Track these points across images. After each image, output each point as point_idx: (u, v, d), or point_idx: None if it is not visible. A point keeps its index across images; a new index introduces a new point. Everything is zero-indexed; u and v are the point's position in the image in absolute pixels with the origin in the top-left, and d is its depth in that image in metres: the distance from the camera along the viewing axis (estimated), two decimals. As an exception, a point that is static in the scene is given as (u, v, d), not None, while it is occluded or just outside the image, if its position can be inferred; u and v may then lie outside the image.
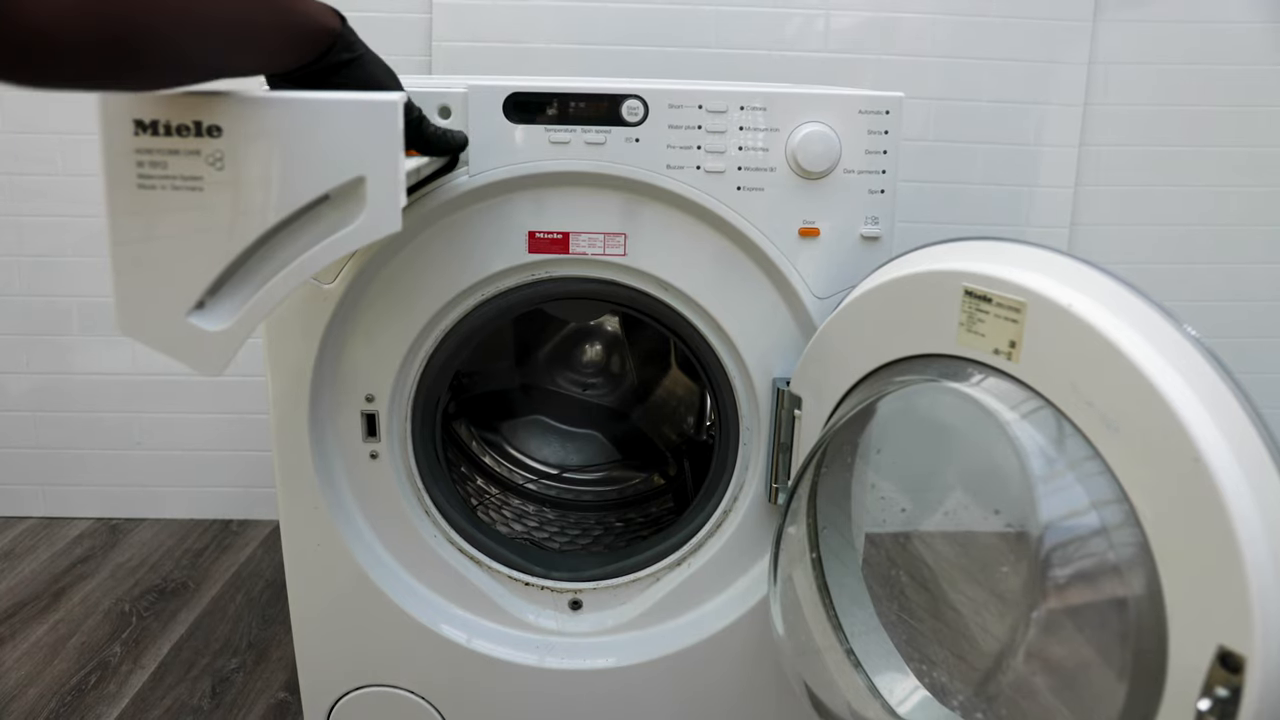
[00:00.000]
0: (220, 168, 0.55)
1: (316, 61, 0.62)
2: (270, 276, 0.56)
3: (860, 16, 1.50)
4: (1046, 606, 0.68)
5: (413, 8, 1.48)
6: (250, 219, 0.55)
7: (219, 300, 0.56)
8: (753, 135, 0.85)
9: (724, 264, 0.88)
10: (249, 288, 0.56)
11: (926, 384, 0.73)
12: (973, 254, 0.72)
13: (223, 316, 0.56)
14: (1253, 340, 1.66)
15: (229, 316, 0.56)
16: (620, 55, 1.49)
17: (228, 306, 0.56)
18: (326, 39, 0.62)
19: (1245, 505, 0.50)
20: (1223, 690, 0.50)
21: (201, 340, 0.56)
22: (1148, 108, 1.56)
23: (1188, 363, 0.55)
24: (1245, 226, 1.61)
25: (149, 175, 0.54)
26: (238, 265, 0.56)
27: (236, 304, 0.56)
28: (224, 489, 1.70)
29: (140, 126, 0.55)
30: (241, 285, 0.57)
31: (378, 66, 0.67)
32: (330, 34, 0.62)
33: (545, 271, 0.89)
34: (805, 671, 0.86)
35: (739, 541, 0.96)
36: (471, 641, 0.97)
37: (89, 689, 1.21)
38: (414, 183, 0.79)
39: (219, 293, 0.56)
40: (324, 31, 0.61)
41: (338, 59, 0.63)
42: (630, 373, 1.35)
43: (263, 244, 0.56)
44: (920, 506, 0.83)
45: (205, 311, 0.56)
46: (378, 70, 0.67)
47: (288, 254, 0.56)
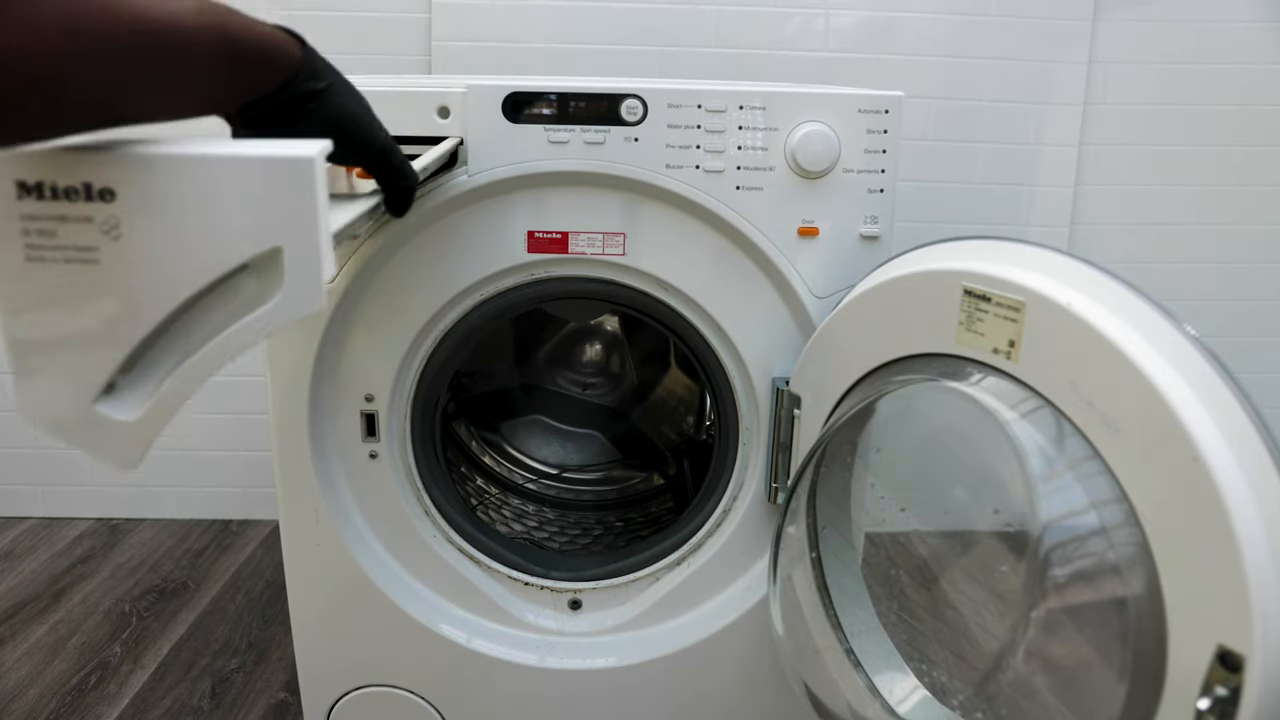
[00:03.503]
0: (116, 237, 0.45)
1: (276, 95, 0.53)
2: (183, 359, 0.48)
3: (860, 16, 1.50)
4: (1046, 606, 0.68)
5: (413, 8, 1.48)
6: (154, 296, 0.46)
7: (128, 386, 0.48)
8: (752, 135, 0.85)
9: (723, 264, 0.88)
10: (161, 372, 0.48)
11: (926, 383, 0.73)
12: (972, 253, 0.72)
13: (133, 405, 0.48)
14: (1253, 340, 1.66)
15: (140, 405, 0.48)
16: (619, 55, 1.49)
17: (139, 394, 0.48)
18: (287, 69, 0.53)
19: (1245, 504, 0.50)
20: (1222, 689, 0.50)
21: (112, 431, 0.48)
22: (1147, 107, 1.56)
23: (1187, 362, 0.55)
24: (1245, 226, 1.61)
25: (37, 245, 0.45)
26: (146, 347, 0.48)
27: (148, 391, 0.48)
28: (224, 489, 1.70)
29: (24, 189, 0.45)
30: (153, 370, 0.48)
31: (349, 95, 0.59)
32: (291, 63, 0.54)
33: (544, 271, 0.89)
34: (805, 671, 0.86)
35: (739, 541, 0.96)
36: (471, 641, 0.97)
37: (89, 689, 1.21)
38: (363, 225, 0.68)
39: (129, 376, 0.48)
40: (284, 60, 0.53)
41: (304, 89, 0.54)
42: (630, 372, 1.35)
43: (173, 322, 0.48)
44: (920, 506, 0.83)
45: (114, 398, 0.48)
46: (349, 100, 0.59)
47: (203, 334, 0.48)
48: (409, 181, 0.65)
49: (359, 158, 0.61)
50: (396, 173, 0.64)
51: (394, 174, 0.64)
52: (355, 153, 0.60)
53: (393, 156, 0.62)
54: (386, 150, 0.62)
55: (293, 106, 0.54)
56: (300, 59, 0.54)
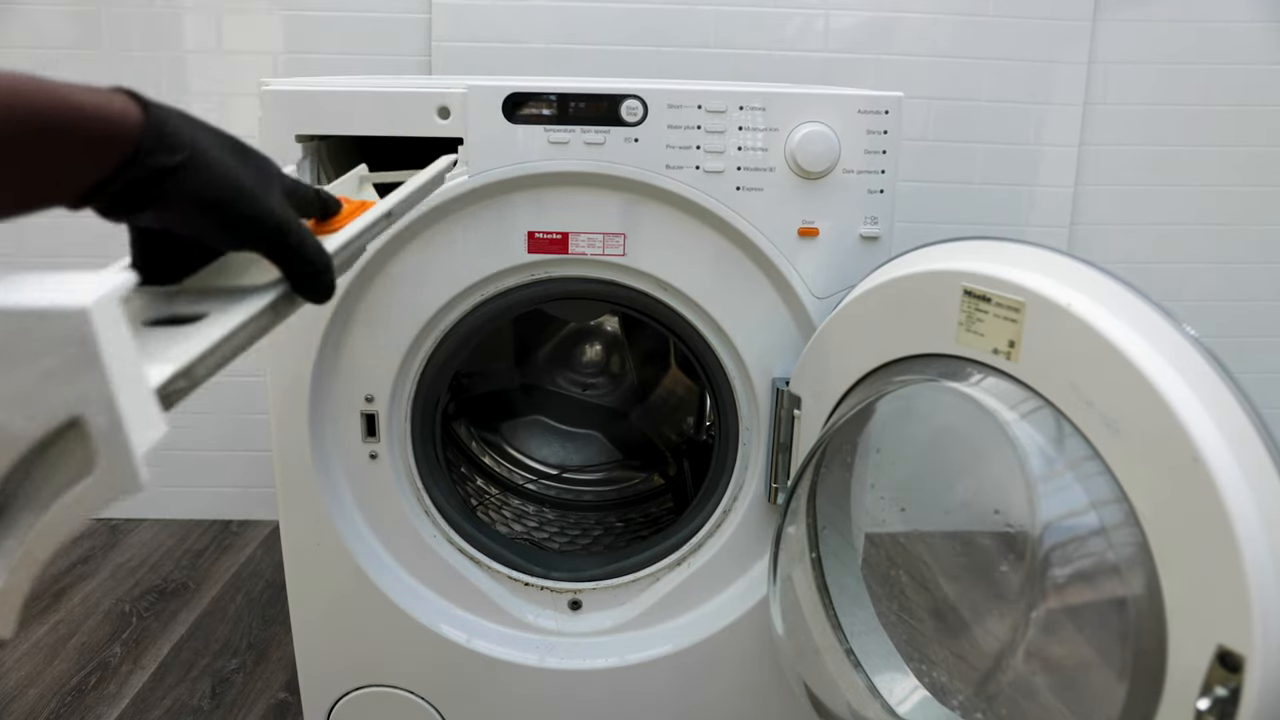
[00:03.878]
0: None
1: (116, 178, 0.42)
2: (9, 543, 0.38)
3: (860, 16, 1.50)
4: (1046, 606, 0.68)
5: (413, 8, 1.48)
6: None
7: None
8: (752, 135, 0.85)
9: (723, 264, 0.88)
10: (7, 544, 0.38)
11: (926, 384, 0.73)
12: (972, 254, 0.72)
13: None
14: (1253, 340, 1.66)
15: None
16: (619, 55, 1.49)
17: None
18: (123, 144, 0.41)
19: (1244, 505, 0.50)
20: (1222, 690, 0.50)
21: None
22: (1147, 107, 1.56)
23: (1187, 363, 0.55)
24: (1245, 226, 1.61)
25: None
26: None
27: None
28: (224, 489, 1.70)
29: None
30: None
31: (221, 166, 0.45)
32: (127, 136, 0.41)
33: (544, 271, 0.89)
34: (805, 671, 0.86)
35: (739, 541, 0.96)
36: (471, 641, 0.97)
37: (89, 689, 1.21)
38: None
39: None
40: (115, 135, 0.41)
41: (151, 167, 0.42)
42: (630, 373, 1.35)
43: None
44: (920, 506, 0.83)
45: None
46: (219, 172, 0.45)
47: (26, 515, 0.38)
48: (313, 266, 0.49)
49: (241, 243, 0.47)
50: (295, 257, 0.48)
51: (293, 259, 0.48)
52: (234, 238, 0.47)
53: (288, 237, 0.48)
54: (280, 231, 0.47)
55: (143, 189, 0.43)
56: (140, 130, 0.42)
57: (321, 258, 0.50)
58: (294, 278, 0.49)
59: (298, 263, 0.48)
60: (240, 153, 0.48)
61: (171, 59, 1.48)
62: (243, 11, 1.47)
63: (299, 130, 0.84)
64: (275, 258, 0.48)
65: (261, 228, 0.47)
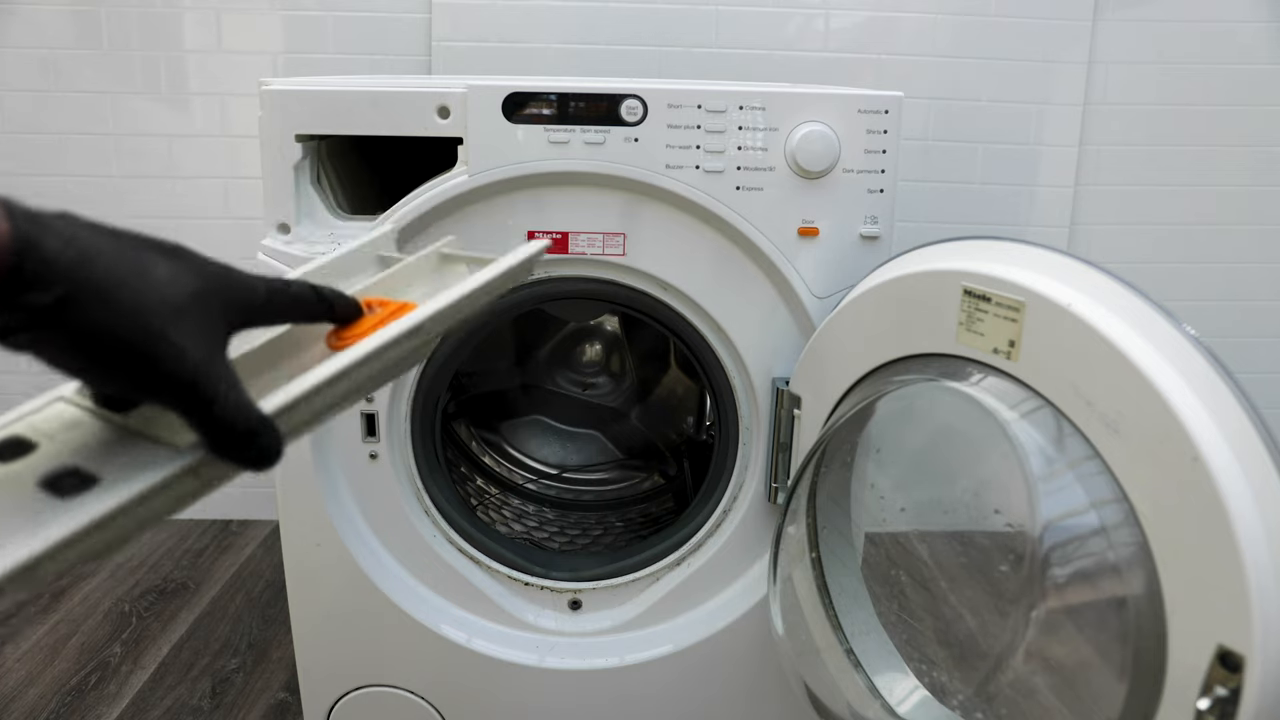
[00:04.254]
0: None
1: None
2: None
3: (860, 16, 1.50)
4: (1046, 606, 0.68)
5: (413, 8, 1.48)
6: None
7: None
8: (752, 135, 0.85)
9: (723, 264, 0.88)
10: None
11: (926, 383, 0.73)
12: (972, 253, 0.72)
13: None
14: (1253, 340, 1.66)
15: None
16: (619, 55, 1.49)
17: None
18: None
19: (1244, 505, 0.50)
20: (1222, 689, 0.50)
21: None
22: (1148, 107, 1.56)
23: (1188, 363, 0.55)
24: (1245, 226, 1.61)
25: None
26: None
27: None
28: (224, 489, 1.69)
29: None
30: None
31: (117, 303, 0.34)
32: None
33: (544, 271, 0.89)
34: (805, 671, 0.86)
35: (738, 541, 0.96)
36: (471, 641, 0.97)
37: (89, 689, 1.21)
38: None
39: None
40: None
41: (23, 307, 0.33)
42: (630, 373, 1.35)
43: None
44: (920, 506, 0.83)
45: None
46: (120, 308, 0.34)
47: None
48: (231, 432, 0.37)
49: (141, 396, 0.37)
50: (207, 418, 0.36)
51: (205, 420, 0.36)
52: (128, 389, 0.36)
53: (203, 388, 0.36)
54: (191, 383, 0.35)
55: (9, 331, 0.34)
56: (9, 261, 0.32)
57: (244, 419, 0.37)
58: (210, 441, 0.37)
59: (210, 425, 0.36)
60: (144, 272, 0.35)
61: (171, 59, 1.48)
62: (243, 11, 1.47)
63: (299, 130, 0.84)
64: (186, 416, 0.36)
65: (161, 380, 0.35)
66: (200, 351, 0.36)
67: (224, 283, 0.38)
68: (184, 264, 0.37)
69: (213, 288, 0.38)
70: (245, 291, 0.39)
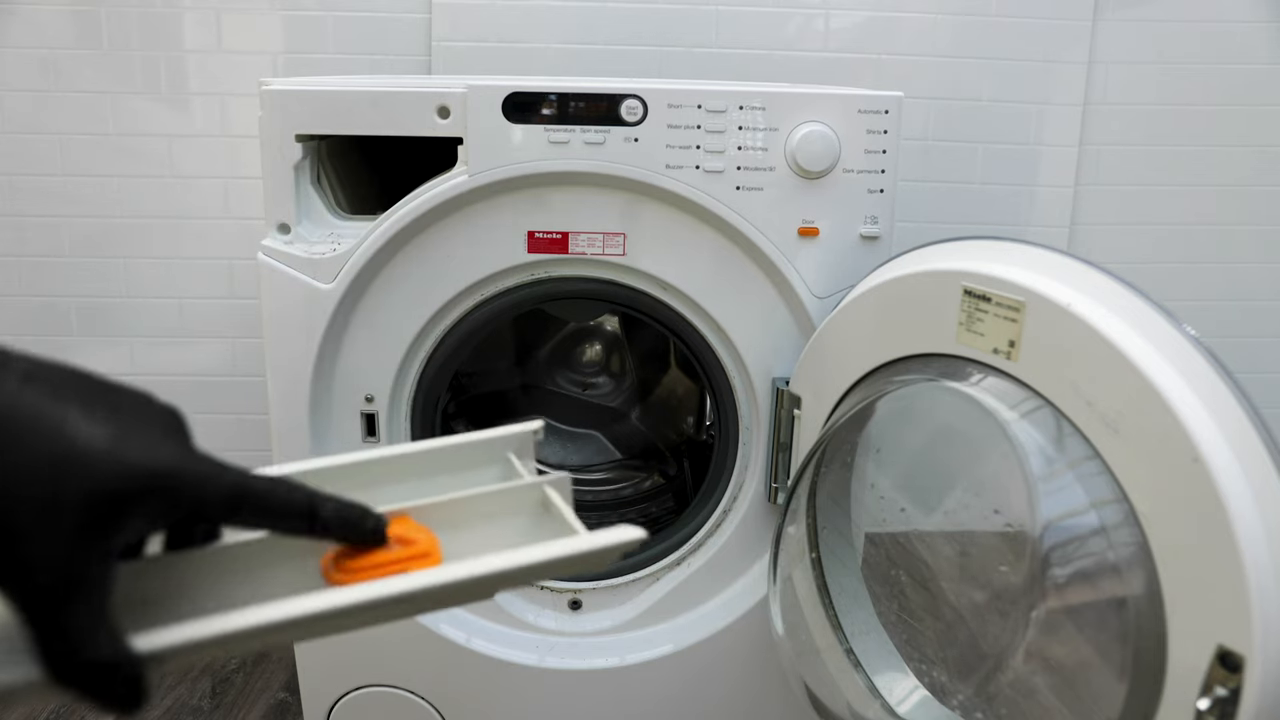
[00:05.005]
0: None
1: None
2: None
3: (860, 16, 1.50)
4: (1046, 606, 0.68)
5: (413, 8, 1.48)
6: None
7: None
8: (752, 135, 0.85)
9: (723, 264, 0.88)
10: None
11: (926, 383, 0.73)
12: (972, 253, 0.72)
13: None
14: (1253, 340, 1.66)
15: None
16: (619, 55, 1.49)
17: None
18: None
19: (1245, 505, 0.50)
20: (1222, 689, 0.50)
21: None
22: (1148, 107, 1.56)
23: (1188, 363, 0.55)
24: (1245, 226, 1.61)
25: None
26: None
27: None
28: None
29: None
30: None
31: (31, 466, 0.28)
32: None
33: (545, 271, 0.89)
34: (805, 671, 0.86)
35: (738, 541, 0.96)
36: (471, 641, 0.97)
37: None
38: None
39: None
40: None
41: None
42: (630, 373, 1.35)
43: None
44: (920, 506, 0.83)
45: None
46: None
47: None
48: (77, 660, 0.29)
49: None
50: (53, 638, 0.29)
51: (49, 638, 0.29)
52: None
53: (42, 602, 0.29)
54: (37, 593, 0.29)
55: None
56: None
57: (95, 650, 0.29)
58: (47, 662, 0.29)
59: (50, 644, 0.29)
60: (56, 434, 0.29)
61: (171, 59, 1.48)
62: (243, 11, 1.47)
63: (299, 130, 0.84)
64: (26, 624, 0.29)
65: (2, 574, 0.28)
66: (72, 554, 0.28)
67: (162, 471, 0.31)
68: (120, 433, 0.30)
69: (143, 472, 0.30)
70: (190, 489, 0.32)
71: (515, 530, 0.44)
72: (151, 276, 1.53)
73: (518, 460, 0.48)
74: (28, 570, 0.28)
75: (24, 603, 0.28)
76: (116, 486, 0.29)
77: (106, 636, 0.30)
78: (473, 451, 0.46)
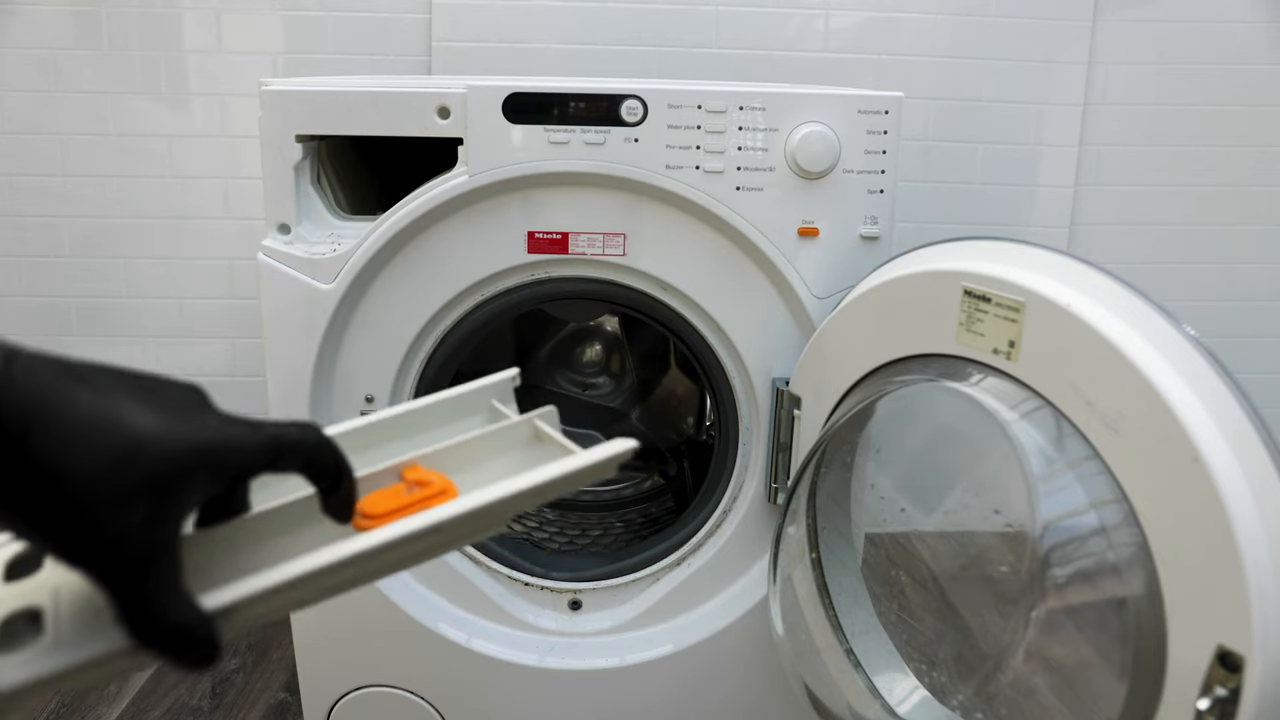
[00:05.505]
0: None
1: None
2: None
3: (860, 16, 1.50)
4: (1046, 606, 0.68)
5: (413, 8, 1.48)
6: None
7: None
8: (752, 135, 0.85)
9: (723, 264, 0.88)
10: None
11: (926, 384, 0.73)
12: (972, 254, 0.72)
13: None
14: (1253, 340, 1.66)
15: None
16: (620, 55, 1.49)
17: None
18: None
19: (1244, 505, 0.50)
20: (1222, 690, 0.50)
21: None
22: (1148, 107, 1.56)
23: (1188, 363, 0.55)
24: (1245, 226, 1.61)
25: None
26: None
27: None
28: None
29: None
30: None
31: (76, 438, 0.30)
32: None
33: (545, 271, 0.89)
34: (805, 672, 0.86)
35: (738, 541, 0.96)
36: (471, 641, 0.97)
37: (89, 689, 1.21)
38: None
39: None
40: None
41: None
42: (630, 373, 1.35)
43: None
44: (920, 506, 0.83)
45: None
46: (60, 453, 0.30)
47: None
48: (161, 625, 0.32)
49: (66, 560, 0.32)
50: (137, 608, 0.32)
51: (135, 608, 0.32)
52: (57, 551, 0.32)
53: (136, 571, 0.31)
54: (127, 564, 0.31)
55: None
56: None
57: (176, 614, 0.32)
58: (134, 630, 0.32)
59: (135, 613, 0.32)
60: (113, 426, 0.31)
61: (171, 59, 1.48)
62: (243, 11, 1.47)
63: (299, 130, 0.84)
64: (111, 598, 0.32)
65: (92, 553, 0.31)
66: (145, 533, 0.31)
67: (210, 444, 0.33)
68: (165, 417, 0.33)
69: (193, 448, 0.33)
70: (235, 454, 0.34)
71: (515, 462, 0.47)
72: (151, 276, 1.53)
73: (501, 405, 0.51)
74: (110, 554, 0.31)
75: (108, 581, 0.31)
76: (175, 465, 0.32)
77: (183, 601, 0.33)
78: (458, 404, 0.50)
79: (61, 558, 0.31)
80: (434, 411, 0.49)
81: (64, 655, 0.32)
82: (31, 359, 0.31)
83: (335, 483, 0.39)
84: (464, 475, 0.45)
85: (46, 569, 0.36)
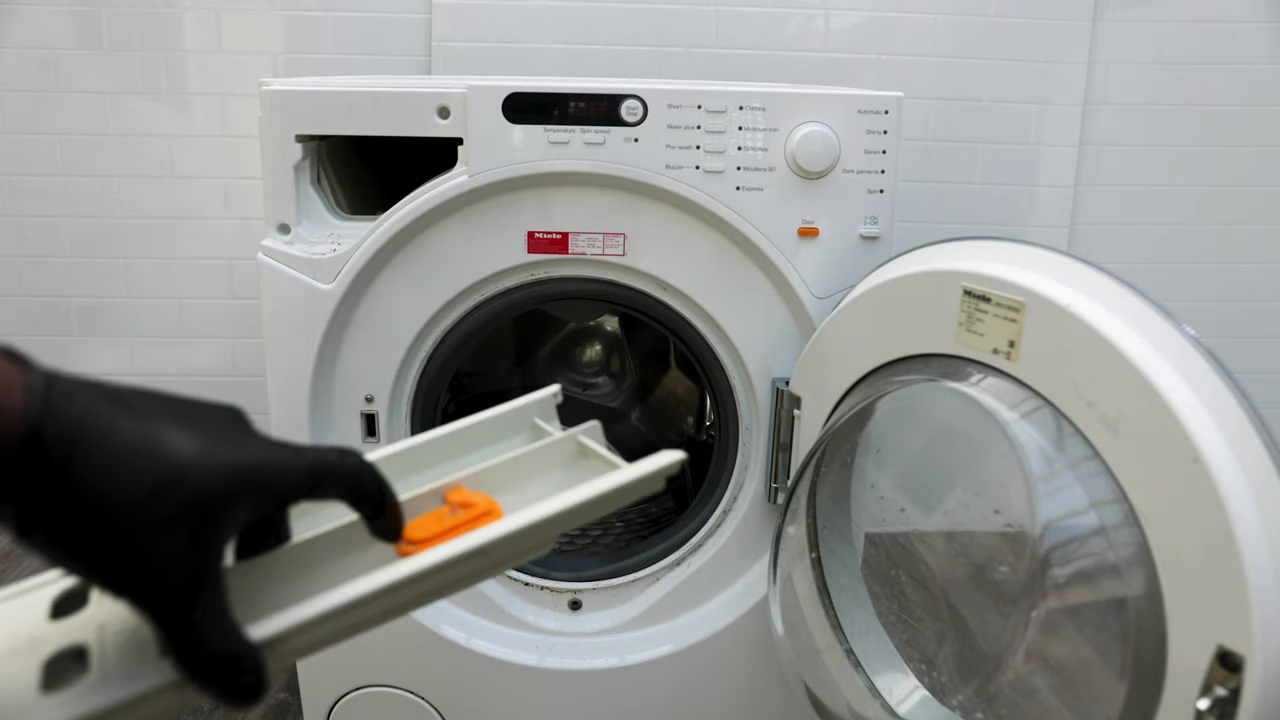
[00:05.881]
0: None
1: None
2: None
3: (860, 16, 1.50)
4: (1046, 606, 0.68)
5: (413, 8, 1.48)
6: None
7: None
8: (752, 135, 0.85)
9: (723, 264, 0.88)
10: None
11: (926, 383, 0.73)
12: (972, 254, 0.72)
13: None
14: (1253, 340, 1.66)
15: None
16: (619, 55, 1.49)
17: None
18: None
19: (1244, 505, 0.50)
20: (1222, 690, 0.50)
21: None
22: (1148, 107, 1.56)
23: (1188, 363, 0.55)
24: (1245, 226, 1.61)
25: None
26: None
27: None
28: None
29: None
30: None
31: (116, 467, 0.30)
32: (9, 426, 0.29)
33: (545, 271, 0.89)
34: (805, 671, 0.86)
35: (738, 541, 0.96)
36: (471, 641, 0.97)
37: None
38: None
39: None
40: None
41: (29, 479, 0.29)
42: (630, 373, 1.35)
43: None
44: (920, 506, 0.83)
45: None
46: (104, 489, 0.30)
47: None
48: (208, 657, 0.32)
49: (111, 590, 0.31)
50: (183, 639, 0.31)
51: (181, 639, 0.31)
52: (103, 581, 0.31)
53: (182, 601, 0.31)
54: (172, 592, 0.31)
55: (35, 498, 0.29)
56: (25, 421, 0.29)
57: (222, 645, 0.32)
58: (181, 662, 0.32)
59: (182, 645, 0.31)
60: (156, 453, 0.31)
61: (171, 59, 1.48)
62: (243, 11, 1.47)
63: (299, 130, 0.84)
64: (158, 629, 0.31)
65: (139, 582, 0.30)
66: (190, 559, 0.31)
67: (252, 468, 0.33)
68: (206, 441, 0.32)
69: (236, 473, 0.32)
70: (277, 479, 0.34)
71: (560, 479, 0.46)
72: (151, 277, 1.53)
73: (544, 422, 0.50)
74: (156, 580, 0.30)
75: (154, 608, 0.31)
76: (219, 490, 0.31)
77: (231, 630, 0.32)
78: (500, 423, 0.49)
79: (107, 587, 0.31)
80: (476, 432, 0.48)
81: (108, 692, 0.32)
82: (70, 384, 0.31)
83: (379, 508, 0.38)
84: (508, 495, 0.44)
85: (92, 605, 0.35)
